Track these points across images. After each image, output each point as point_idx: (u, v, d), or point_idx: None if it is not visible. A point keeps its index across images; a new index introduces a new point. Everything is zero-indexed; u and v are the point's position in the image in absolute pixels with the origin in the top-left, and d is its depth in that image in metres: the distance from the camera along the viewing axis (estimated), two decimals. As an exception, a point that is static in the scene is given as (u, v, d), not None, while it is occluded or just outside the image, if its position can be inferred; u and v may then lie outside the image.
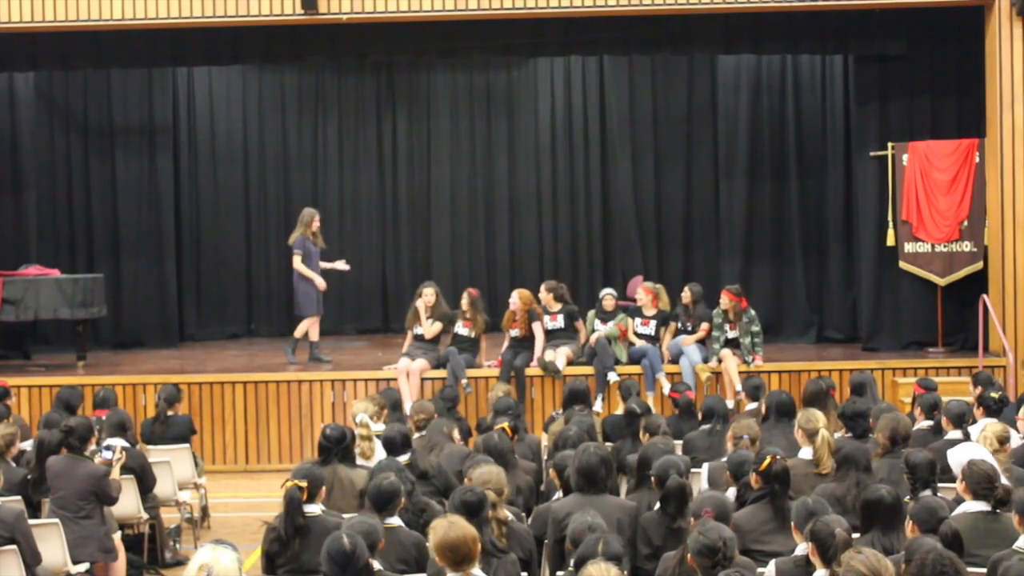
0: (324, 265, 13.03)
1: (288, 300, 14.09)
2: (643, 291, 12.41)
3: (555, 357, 11.75)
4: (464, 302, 12.04)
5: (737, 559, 4.94)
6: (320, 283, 12.74)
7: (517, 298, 12.07)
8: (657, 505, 6.14)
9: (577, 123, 16.02)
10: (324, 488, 6.16)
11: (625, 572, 4.56)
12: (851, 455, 6.49)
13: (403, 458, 7.13)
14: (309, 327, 12.87)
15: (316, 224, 12.85)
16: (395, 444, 7.34)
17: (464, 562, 4.89)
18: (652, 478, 6.25)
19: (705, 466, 7.36)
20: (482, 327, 12.05)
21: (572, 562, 4.93)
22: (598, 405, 11.19)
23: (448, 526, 4.95)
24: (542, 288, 12.31)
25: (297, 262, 12.74)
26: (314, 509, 6.03)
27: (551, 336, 12.03)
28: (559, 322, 12.08)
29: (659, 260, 15.69)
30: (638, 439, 7.85)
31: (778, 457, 6.06)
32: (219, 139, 16.11)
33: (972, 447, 6.97)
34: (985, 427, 7.21)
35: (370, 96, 16.22)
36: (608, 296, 12.17)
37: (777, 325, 14.50)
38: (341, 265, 13.36)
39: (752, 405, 9.02)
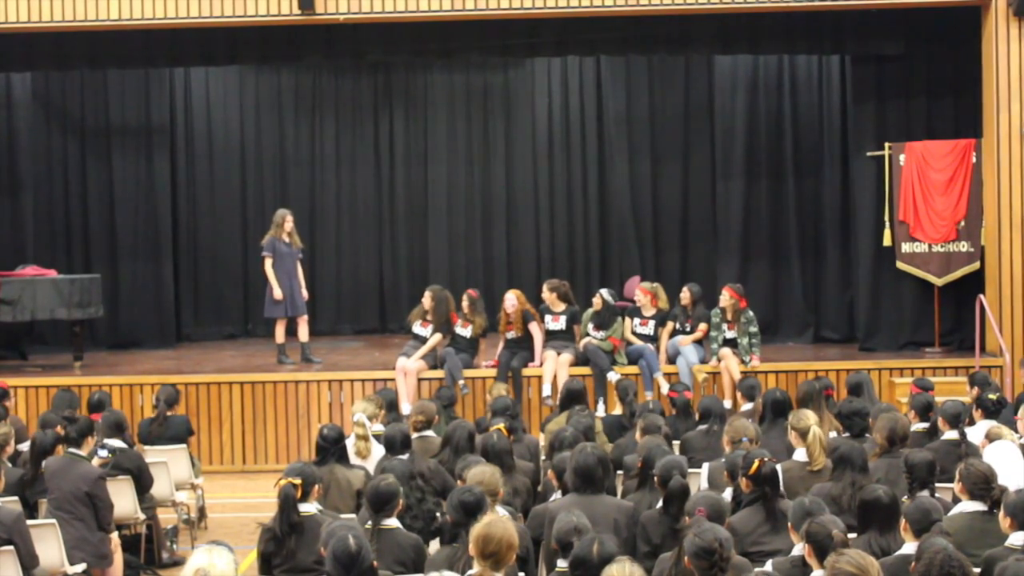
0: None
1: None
2: (641, 291, 12.41)
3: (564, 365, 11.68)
4: (464, 303, 12.03)
5: (734, 559, 4.94)
6: (277, 292, 12.69)
7: (514, 299, 12.06)
8: (659, 504, 6.15)
9: (574, 123, 16.01)
10: (318, 487, 6.15)
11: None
12: (847, 455, 6.49)
13: (402, 458, 7.14)
14: (283, 329, 12.85)
15: (289, 224, 12.82)
16: (395, 444, 7.36)
17: (490, 559, 4.88)
18: (655, 478, 6.25)
19: (705, 466, 7.37)
20: (481, 328, 12.04)
21: (568, 562, 4.92)
22: (600, 409, 11.16)
23: (493, 521, 4.97)
24: (544, 288, 12.26)
25: (267, 266, 12.73)
26: (309, 508, 6.03)
27: (552, 337, 11.99)
28: (561, 323, 12.03)
29: (656, 260, 15.69)
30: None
31: (766, 459, 6.06)
32: (216, 139, 16.09)
33: (1004, 447, 7.02)
34: None
35: (367, 96, 16.20)
36: (596, 297, 12.11)
37: (774, 325, 14.51)
38: None
39: (748, 406, 9.02)
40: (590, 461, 6.19)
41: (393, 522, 5.84)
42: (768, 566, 5.23)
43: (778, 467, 6.21)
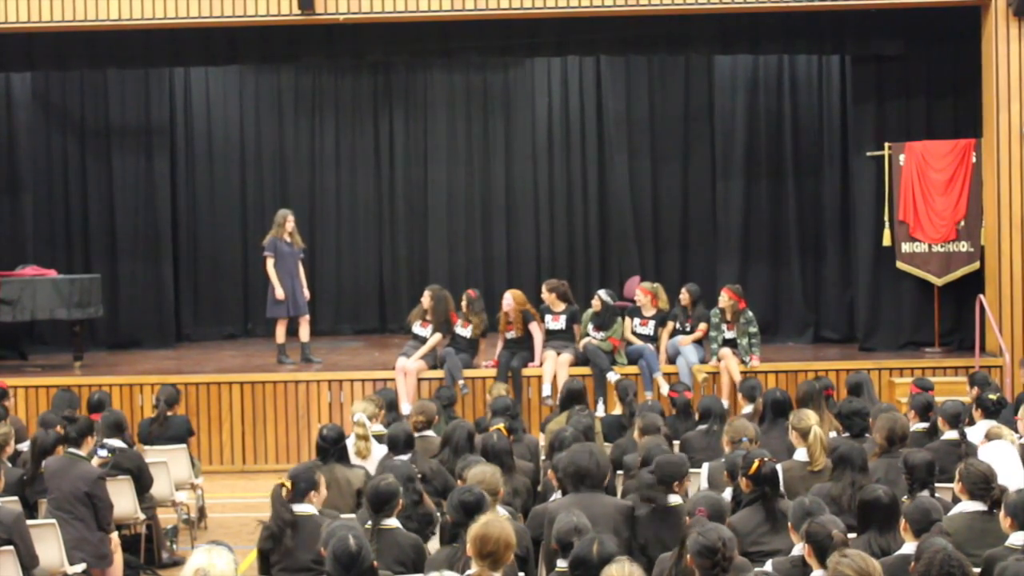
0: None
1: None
2: (642, 292, 12.41)
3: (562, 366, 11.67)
4: (464, 303, 12.03)
5: (736, 560, 4.94)
6: (279, 292, 12.69)
7: (511, 299, 12.06)
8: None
9: (574, 123, 16.01)
10: (318, 489, 6.14)
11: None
12: (846, 455, 6.49)
13: (404, 457, 7.17)
14: (283, 329, 12.86)
15: (290, 224, 12.83)
16: (399, 443, 7.37)
17: (488, 558, 4.89)
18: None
19: (705, 466, 7.38)
20: (480, 328, 12.04)
21: (567, 563, 4.92)
22: (599, 409, 11.16)
23: (489, 521, 4.98)
24: (543, 288, 12.26)
25: (269, 265, 12.75)
26: (306, 508, 6.04)
27: (552, 336, 11.99)
28: (561, 323, 12.04)
29: (656, 260, 15.68)
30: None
31: (766, 459, 6.07)
32: (216, 139, 16.09)
33: (1000, 446, 7.02)
34: None
35: (367, 96, 16.21)
36: (595, 299, 12.12)
37: (774, 325, 14.51)
38: None
39: (748, 408, 9.00)
40: (580, 460, 6.20)
41: (393, 522, 5.84)
42: (768, 566, 5.23)
43: (778, 467, 6.21)
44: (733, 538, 4.90)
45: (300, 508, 6.04)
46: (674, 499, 6.11)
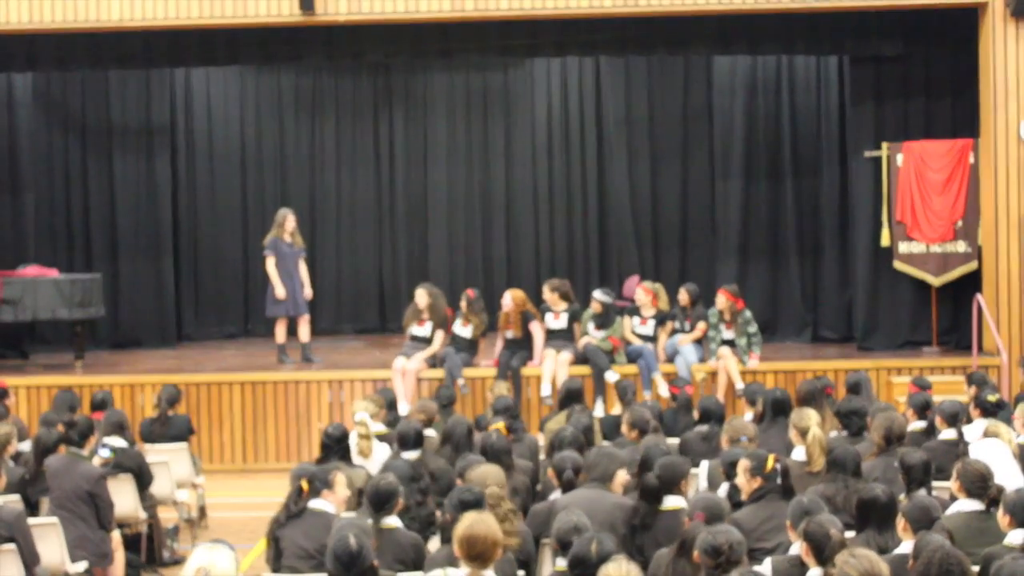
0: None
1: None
2: (643, 291, 12.43)
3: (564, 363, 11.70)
4: (463, 303, 12.06)
5: (743, 563, 4.96)
6: (279, 291, 12.74)
7: (510, 299, 12.09)
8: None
9: (573, 124, 16.03)
10: (331, 488, 6.21)
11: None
12: (840, 459, 6.50)
13: (413, 454, 7.20)
14: (283, 329, 12.90)
15: (291, 224, 12.87)
16: (408, 440, 7.41)
17: (477, 559, 4.93)
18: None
19: (704, 465, 7.39)
20: (480, 328, 12.07)
21: (567, 562, 4.96)
22: (598, 409, 11.19)
23: (474, 521, 5.01)
24: (545, 287, 12.28)
25: (269, 265, 12.78)
26: (319, 504, 6.13)
27: (552, 336, 12.00)
28: (562, 321, 12.06)
29: (655, 260, 15.71)
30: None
31: (778, 457, 6.13)
32: (216, 140, 16.10)
33: (993, 444, 7.06)
34: None
35: (367, 97, 16.22)
36: (593, 301, 12.14)
37: (772, 325, 14.53)
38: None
39: (749, 415, 8.99)
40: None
41: (393, 521, 5.88)
42: (767, 564, 5.26)
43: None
44: (742, 542, 4.92)
45: (314, 504, 6.16)
46: (676, 501, 6.14)
